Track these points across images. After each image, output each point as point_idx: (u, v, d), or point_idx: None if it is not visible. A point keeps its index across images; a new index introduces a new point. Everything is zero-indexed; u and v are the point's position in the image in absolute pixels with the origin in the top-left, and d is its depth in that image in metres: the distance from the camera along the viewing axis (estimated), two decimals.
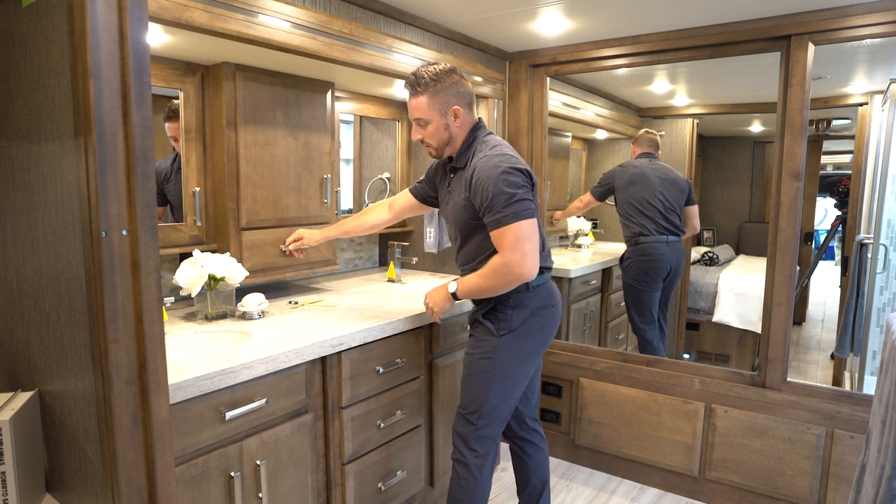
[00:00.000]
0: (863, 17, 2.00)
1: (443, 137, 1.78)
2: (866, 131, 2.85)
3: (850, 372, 2.86)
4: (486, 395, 1.79)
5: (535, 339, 1.82)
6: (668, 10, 2.12)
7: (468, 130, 1.80)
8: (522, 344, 1.79)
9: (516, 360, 1.80)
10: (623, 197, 3.11)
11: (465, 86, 1.79)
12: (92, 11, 1.00)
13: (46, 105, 1.15)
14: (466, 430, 1.83)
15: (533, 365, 1.86)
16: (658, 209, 3.02)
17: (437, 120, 1.76)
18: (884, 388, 1.39)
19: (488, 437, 1.83)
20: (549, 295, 1.83)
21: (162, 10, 1.43)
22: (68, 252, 1.14)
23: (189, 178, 1.96)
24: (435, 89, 1.73)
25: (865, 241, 2.62)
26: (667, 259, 3.03)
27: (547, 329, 1.84)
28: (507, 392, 1.81)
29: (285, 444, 1.63)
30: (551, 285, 1.86)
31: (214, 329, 1.81)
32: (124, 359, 1.09)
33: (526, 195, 1.64)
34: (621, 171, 3.17)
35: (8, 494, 1.23)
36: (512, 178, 1.63)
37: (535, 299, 1.79)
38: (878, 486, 1.32)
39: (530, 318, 1.78)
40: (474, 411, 1.81)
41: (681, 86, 3.18)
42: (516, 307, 1.76)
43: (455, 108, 1.75)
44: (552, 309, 1.84)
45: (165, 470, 1.16)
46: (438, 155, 1.84)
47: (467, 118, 1.79)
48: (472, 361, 1.83)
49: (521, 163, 1.69)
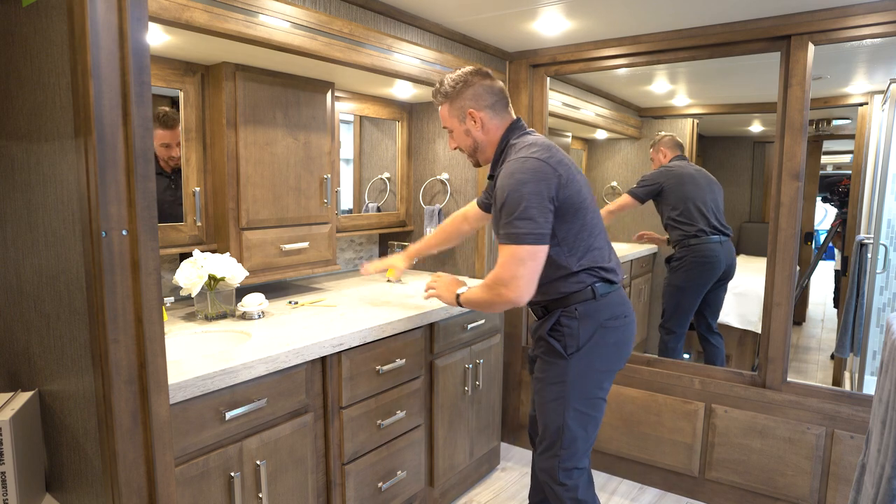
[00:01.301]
0: (863, 17, 2.00)
1: (468, 144, 1.72)
2: (866, 131, 2.85)
3: (850, 372, 2.86)
4: (564, 423, 1.63)
5: (609, 356, 1.64)
6: (668, 10, 2.12)
7: (500, 134, 1.69)
8: (595, 362, 1.63)
9: (590, 380, 1.63)
10: (675, 198, 3.01)
11: (486, 87, 1.69)
12: (92, 11, 1.00)
13: (46, 105, 1.15)
14: (550, 464, 1.68)
15: (610, 383, 1.69)
16: (711, 209, 2.98)
17: (458, 127, 1.71)
18: (884, 388, 1.39)
19: (575, 467, 1.67)
20: (619, 304, 1.66)
21: (162, 10, 1.43)
22: (68, 252, 1.14)
23: (189, 178, 1.96)
24: (452, 96, 1.69)
25: (865, 241, 2.62)
26: (722, 259, 2.97)
27: (621, 342, 1.66)
28: (587, 416, 1.65)
29: (285, 444, 1.63)
30: (621, 294, 1.68)
31: (214, 329, 1.81)
32: (124, 359, 1.09)
33: (532, 218, 1.49)
34: (667, 171, 3.08)
35: (8, 494, 1.23)
36: (528, 189, 1.49)
37: (604, 310, 1.62)
38: (878, 486, 1.32)
39: (600, 331, 1.62)
40: (555, 442, 1.66)
41: (681, 86, 3.18)
42: (582, 319, 1.60)
43: (470, 111, 1.67)
44: (624, 320, 1.66)
45: (165, 470, 1.16)
46: (475, 163, 1.78)
47: (493, 121, 1.69)
48: (544, 388, 1.68)
49: (544, 164, 1.53)
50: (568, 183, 1.55)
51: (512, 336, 2.92)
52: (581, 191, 1.59)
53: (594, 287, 1.61)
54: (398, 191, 2.89)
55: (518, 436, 2.99)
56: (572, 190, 1.56)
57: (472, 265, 2.78)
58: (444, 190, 2.82)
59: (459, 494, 2.49)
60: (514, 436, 3.00)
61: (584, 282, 1.61)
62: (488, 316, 2.49)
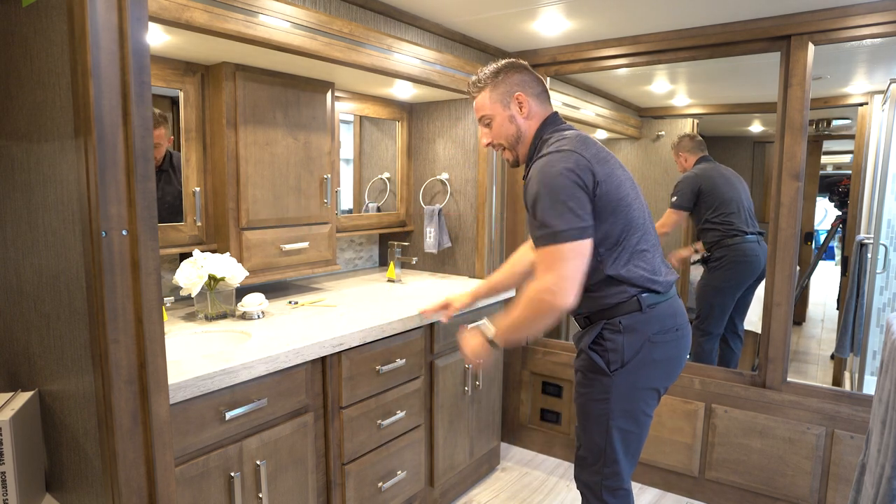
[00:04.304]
0: (863, 17, 2.00)
1: (510, 132, 1.58)
2: (866, 131, 2.85)
3: (850, 372, 2.86)
4: (607, 440, 1.51)
5: (657, 372, 1.50)
6: (668, 10, 2.12)
7: (538, 126, 1.57)
8: (641, 379, 1.49)
9: (636, 398, 1.50)
10: (712, 199, 2.96)
11: (533, 76, 1.60)
12: (92, 11, 1.00)
13: (46, 105, 1.15)
14: (593, 479, 1.57)
15: (658, 399, 1.57)
16: (746, 208, 2.96)
17: (501, 112, 1.57)
18: (884, 388, 1.39)
19: (619, 487, 1.55)
20: (672, 316, 1.51)
21: (162, 10, 1.43)
22: (68, 252, 1.14)
23: (189, 178, 1.96)
24: (495, 81, 1.58)
25: (865, 241, 2.62)
26: (761, 258, 2.92)
27: (672, 358, 1.52)
28: (631, 434, 1.53)
29: (285, 444, 1.63)
30: (674, 304, 1.53)
31: (214, 329, 1.81)
32: (124, 359, 1.08)
33: (571, 209, 1.37)
34: (701, 173, 3.01)
35: (8, 494, 1.23)
36: (561, 182, 1.38)
37: (653, 323, 1.47)
38: (878, 486, 1.32)
39: (647, 346, 1.47)
40: (598, 460, 1.55)
41: (681, 86, 3.18)
42: (627, 332, 1.46)
43: (519, 94, 1.56)
44: (676, 333, 1.51)
45: (165, 470, 1.16)
46: (514, 159, 1.62)
47: (536, 108, 1.58)
48: (586, 403, 1.55)
49: (579, 156, 1.41)
50: (607, 178, 1.42)
51: None
52: (622, 186, 1.45)
53: (640, 298, 1.46)
54: (398, 191, 2.89)
55: (518, 436, 2.99)
56: (611, 185, 1.42)
57: (472, 265, 2.78)
58: (444, 190, 2.82)
59: (459, 494, 2.49)
60: (514, 436, 3.00)
61: (628, 291, 1.47)
62: (489, 315, 2.48)
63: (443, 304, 1.94)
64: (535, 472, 2.73)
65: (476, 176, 2.71)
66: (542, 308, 1.38)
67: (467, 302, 1.91)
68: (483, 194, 2.70)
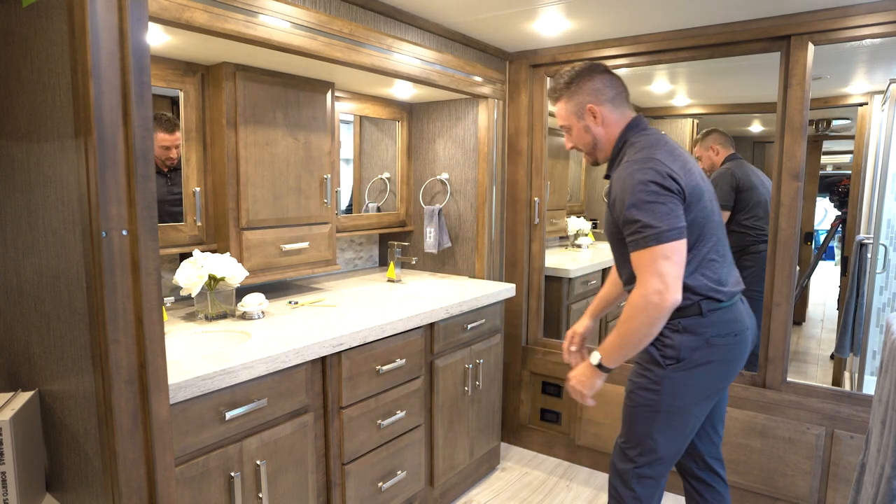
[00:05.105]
0: (863, 17, 2.00)
1: (586, 141, 1.64)
2: (866, 131, 2.85)
3: (850, 372, 2.86)
4: (648, 431, 1.55)
5: (713, 374, 1.53)
6: (668, 10, 2.12)
7: (619, 130, 1.61)
8: (696, 379, 1.52)
9: (687, 396, 1.53)
10: (749, 199, 2.82)
11: (606, 80, 1.62)
12: (92, 11, 1.00)
13: (46, 105, 1.15)
14: (625, 466, 1.61)
15: (711, 402, 1.58)
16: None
17: (576, 123, 1.63)
18: (883, 388, 1.39)
19: (650, 477, 1.58)
20: (732, 321, 1.53)
21: (162, 10, 1.43)
22: (68, 252, 1.14)
23: (189, 178, 1.96)
24: (569, 92, 1.62)
25: (865, 241, 2.62)
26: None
27: (728, 360, 1.54)
28: (675, 431, 1.55)
29: (285, 444, 1.63)
30: (738, 310, 1.56)
31: (214, 329, 1.81)
32: (124, 359, 1.09)
33: (666, 210, 1.40)
34: (737, 170, 2.87)
35: (8, 494, 1.23)
36: (651, 188, 1.41)
37: (713, 326, 1.50)
38: (877, 486, 1.32)
39: (705, 347, 1.50)
40: (635, 447, 1.58)
41: (681, 86, 3.18)
42: (685, 332, 1.50)
43: (590, 106, 1.60)
44: (735, 338, 1.54)
45: (165, 470, 1.16)
46: (594, 161, 1.68)
47: (612, 115, 1.61)
48: (635, 391, 1.59)
49: (665, 165, 1.45)
50: (692, 189, 1.47)
51: (512, 336, 2.92)
52: (703, 196, 1.50)
53: (701, 304, 1.50)
54: (398, 191, 2.89)
55: (518, 436, 2.99)
56: (694, 196, 1.48)
57: (472, 265, 2.78)
58: (444, 190, 2.82)
59: (459, 494, 2.49)
60: (514, 436, 3.00)
61: (691, 298, 1.50)
62: (488, 316, 2.49)
63: (569, 337, 1.90)
64: (535, 472, 2.73)
65: (476, 176, 2.71)
66: (651, 311, 1.40)
67: (587, 323, 1.90)
68: (483, 194, 2.70)
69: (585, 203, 4.21)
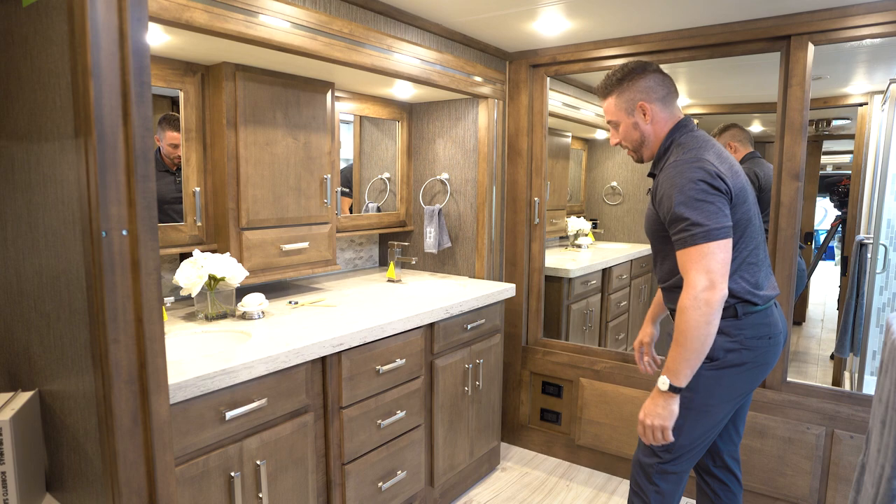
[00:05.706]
0: (863, 17, 2.00)
1: (634, 138, 1.64)
2: (866, 131, 2.85)
3: (850, 372, 2.86)
4: (678, 428, 1.55)
5: (745, 375, 1.55)
6: (668, 10, 2.12)
7: (667, 130, 1.62)
8: (728, 379, 1.54)
9: (718, 396, 1.55)
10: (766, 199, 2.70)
11: (658, 79, 1.62)
12: (92, 11, 1.00)
13: (46, 105, 1.15)
14: (650, 461, 1.61)
15: (738, 403, 1.60)
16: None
17: (625, 120, 1.63)
18: (883, 388, 1.39)
19: (674, 473, 1.60)
20: (766, 325, 1.56)
21: (162, 10, 1.43)
22: (68, 252, 1.14)
23: (189, 178, 1.96)
24: (621, 88, 1.62)
25: (865, 241, 2.62)
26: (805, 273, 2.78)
27: (759, 363, 1.56)
28: (704, 429, 1.58)
29: (285, 444, 1.63)
30: (772, 315, 1.58)
31: (214, 329, 1.81)
32: (124, 359, 1.09)
33: (715, 209, 1.42)
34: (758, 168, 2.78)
35: (8, 494, 1.23)
36: (701, 187, 1.43)
37: (748, 328, 1.53)
38: (877, 486, 1.32)
39: (739, 349, 1.53)
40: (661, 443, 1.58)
41: (681, 86, 3.18)
42: (721, 334, 1.52)
43: (641, 103, 1.60)
44: (769, 341, 1.57)
45: (165, 470, 1.16)
46: (638, 158, 1.69)
47: (661, 114, 1.61)
48: None
49: (714, 166, 1.46)
50: (738, 191, 1.49)
51: (512, 336, 2.92)
52: (748, 199, 1.53)
53: (737, 307, 1.52)
54: (398, 191, 2.90)
55: (518, 436, 2.99)
56: (739, 198, 1.49)
57: (472, 265, 2.78)
58: (444, 190, 2.82)
59: (459, 494, 2.49)
60: (514, 436, 3.00)
61: (728, 301, 1.51)
62: (488, 316, 2.49)
63: (637, 349, 1.93)
64: (535, 472, 2.73)
65: (476, 176, 2.71)
66: (703, 308, 1.40)
67: (649, 330, 1.93)
68: (483, 194, 2.70)
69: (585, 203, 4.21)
